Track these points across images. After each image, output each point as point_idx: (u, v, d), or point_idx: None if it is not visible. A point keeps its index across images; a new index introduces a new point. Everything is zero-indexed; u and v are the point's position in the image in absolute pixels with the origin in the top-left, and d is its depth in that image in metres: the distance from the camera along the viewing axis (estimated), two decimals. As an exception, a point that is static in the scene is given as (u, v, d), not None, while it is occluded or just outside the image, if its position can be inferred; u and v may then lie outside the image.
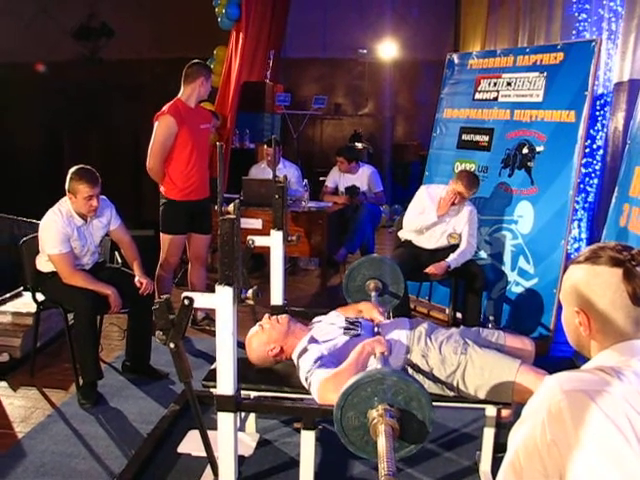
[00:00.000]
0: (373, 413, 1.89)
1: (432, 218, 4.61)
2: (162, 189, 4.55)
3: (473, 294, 4.62)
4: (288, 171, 6.33)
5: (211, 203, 4.74)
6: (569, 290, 1.45)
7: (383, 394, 1.91)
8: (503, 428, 2.84)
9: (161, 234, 4.61)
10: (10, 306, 4.43)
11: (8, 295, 4.59)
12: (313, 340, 2.84)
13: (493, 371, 2.60)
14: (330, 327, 2.96)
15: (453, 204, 4.54)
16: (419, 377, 2.74)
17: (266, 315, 3.02)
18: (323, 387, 2.46)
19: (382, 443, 1.75)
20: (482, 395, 2.63)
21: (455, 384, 2.67)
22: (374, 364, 2.46)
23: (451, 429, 3.41)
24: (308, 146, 10.04)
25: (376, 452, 1.93)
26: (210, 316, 4.86)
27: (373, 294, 3.41)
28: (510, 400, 2.59)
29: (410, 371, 2.75)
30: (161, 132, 4.37)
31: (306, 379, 2.61)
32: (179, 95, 4.44)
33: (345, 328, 2.92)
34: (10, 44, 9.46)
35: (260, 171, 6.34)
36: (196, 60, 4.49)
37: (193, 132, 4.44)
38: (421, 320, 3.11)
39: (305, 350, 2.76)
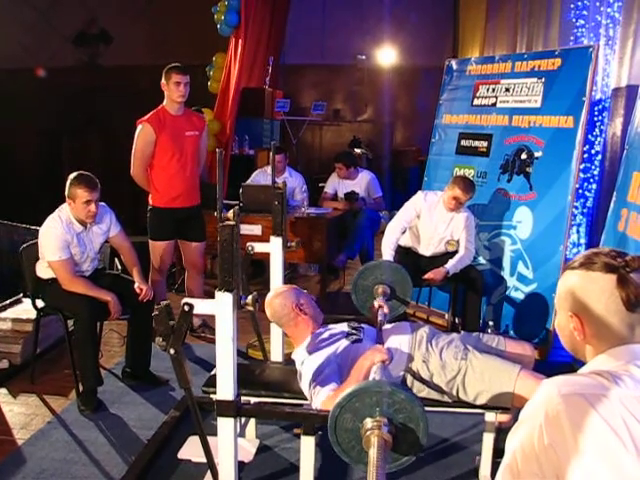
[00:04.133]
0: (369, 422, 1.90)
1: (428, 225, 4.63)
2: (149, 196, 4.58)
3: (472, 299, 4.62)
4: (294, 180, 6.31)
5: (202, 210, 4.73)
6: (564, 295, 1.45)
7: (386, 407, 1.91)
8: (503, 433, 2.84)
9: (149, 241, 4.62)
10: (10, 312, 4.43)
11: (8, 302, 4.59)
12: (315, 344, 2.84)
13: (493, 376, 2.61)
14: (333, 332, 2.96)
15: (451, 210, 4.55)
16: (419, 383, 2.74)
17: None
18: (326, 406, 2.48)
19: (373, 454, 1.75)
20: (482, 400, 2.64)
21: (455, 389, 2.68)
22: (373, 373, 2.46)
23: (451, 434, 3.42)
24: (307, 152, 10.05)
25: (358, 458, 1.94)
26: (207, 323, 4.86)
27: (379, 298, 3.39)
28: (510, 405, 2.59)
29: (410, 378, 2.76)
30: (139, 140, 4.41)
31: (309, 391, 2.62)
32: (164, 102, 4.47)
33: (347, 333, 2.93)
34: (9, 50, 9.48)
35: (265, 176, 6.27)
36: (171, 64, 4.42)
37: (175, 139, 4.43)
38: (422, 324, 3.12)
39: (307, 355, 2.77)
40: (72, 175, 3.74)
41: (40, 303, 3.94)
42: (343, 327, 3.00)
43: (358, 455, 1.96)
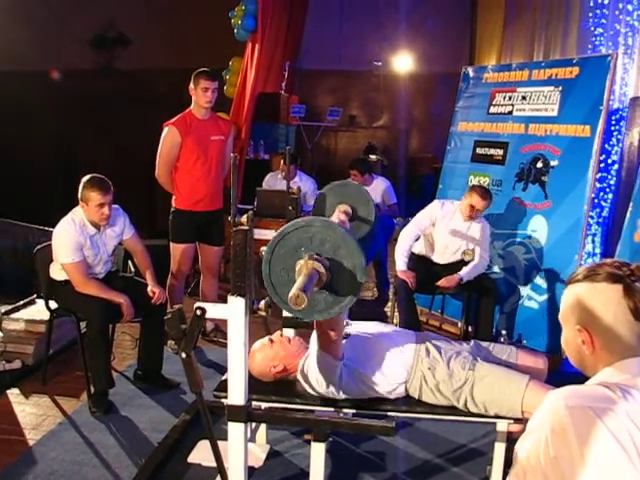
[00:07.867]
0: (305, 255, 1.99)
1: (443, 233, 4.61)
2: (173, 198, 4.59)
3: (486, 308, 4.59)
4: (304, 185, 6.32)
5: (224, 214, 4.73)
6: (569, 309, 1.44)
7: (319, 243, 2.01)
8: (513, 443, 2.81)
9: (170, 243, 4.63)
10: (23, 313, 4.45)
11: (22, 302, 4.61)
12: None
13: (502, 387, 2.58)
14: None
15: (468, 218, 4.52)
16: (425, 388, 2.71)
17: (278, 332, 3.02)
18: None
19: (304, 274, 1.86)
20: (490, 411, 2.61)
21: (463, 399, 2.64)
22: None
23: (461, 444, 3.39)
24: (322, 158, 10.04)
25: (284, 290, 2.04)
26: (219, 328, 4.85)
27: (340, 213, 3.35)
28: (519, 415, 2.57)
29: (414, 384, 2.72)
30: (164, 142, 4.43)
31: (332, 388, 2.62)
32: (191, 106, 4.48)
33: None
34: (26, 52, 9.55)
35: (277, 181, 6.32)
36: (200, 69, 4.44)
37: (201, 143, 4.44)
38: (427, 333, 3.09)
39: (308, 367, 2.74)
40: (85, 178, 3.74)
41: (53, 304, 3.96)
42: None
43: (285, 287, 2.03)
